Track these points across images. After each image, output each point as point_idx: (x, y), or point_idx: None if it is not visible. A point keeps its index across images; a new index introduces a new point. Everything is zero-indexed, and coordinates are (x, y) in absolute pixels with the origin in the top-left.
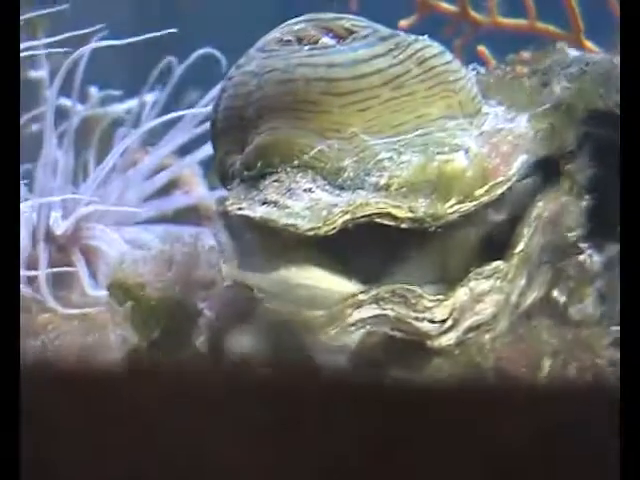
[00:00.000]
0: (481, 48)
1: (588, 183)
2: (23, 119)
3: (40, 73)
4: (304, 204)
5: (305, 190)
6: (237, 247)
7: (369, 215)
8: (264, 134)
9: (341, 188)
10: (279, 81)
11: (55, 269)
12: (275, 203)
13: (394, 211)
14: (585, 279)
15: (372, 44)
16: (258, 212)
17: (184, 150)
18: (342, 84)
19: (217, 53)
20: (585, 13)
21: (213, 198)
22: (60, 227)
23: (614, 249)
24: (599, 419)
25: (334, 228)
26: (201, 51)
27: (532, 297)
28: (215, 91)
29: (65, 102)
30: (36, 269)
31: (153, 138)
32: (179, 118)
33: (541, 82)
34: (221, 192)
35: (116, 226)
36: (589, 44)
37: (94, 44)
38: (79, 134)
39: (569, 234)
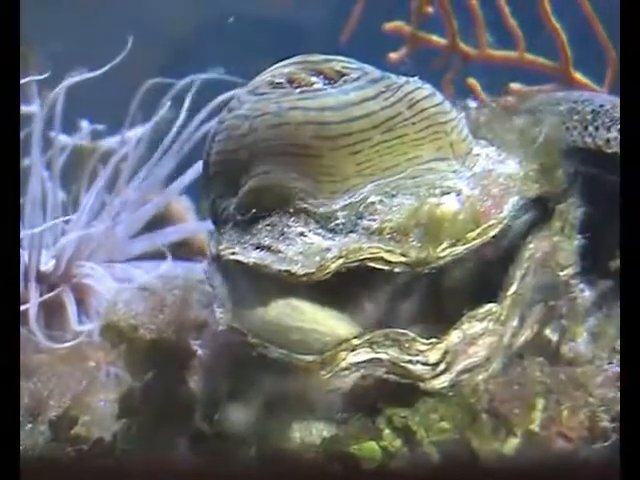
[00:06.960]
0: (472, 81)
1: (579, 222)
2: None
3: (32, 108)
4: (297, 249)
5: (298, 234)
6: (231, 291)
7: (362, 260)
8: (257, 178)
9: (334, 232)
10: (271, 125)
11: (46, 308)
12: (268, 248)
13: (387, 256)
14: (577, 317)
15: (363, 87)
16: (251, 257)
17: (169, 182)
18: (333, 127)
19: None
20: (574, 44)
21: (204, 230)
22: (49, 265)
23: (605, 286)
24: None
25: (327, 273)
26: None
27: (524, 336)
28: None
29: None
30: (27, 308)
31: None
32: (165, 149)
33: (530, 121)
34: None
35: (107, 263)
36: (578, 75)
37: (71, 79)
38: (70, 168)
39: (561, 273)
